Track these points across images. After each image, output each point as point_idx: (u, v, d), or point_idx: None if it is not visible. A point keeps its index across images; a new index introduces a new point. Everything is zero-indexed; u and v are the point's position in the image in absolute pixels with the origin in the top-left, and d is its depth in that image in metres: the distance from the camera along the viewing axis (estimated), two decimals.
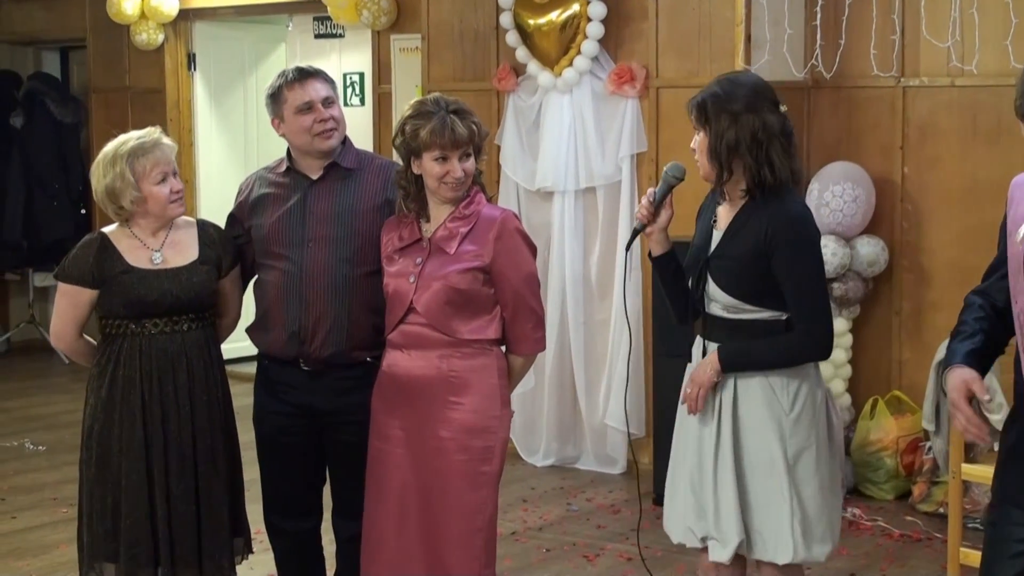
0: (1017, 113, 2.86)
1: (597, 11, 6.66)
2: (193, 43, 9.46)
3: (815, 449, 3.67)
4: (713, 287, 3.68)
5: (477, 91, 7.06)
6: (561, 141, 6.84)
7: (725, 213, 3.71)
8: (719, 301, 3.68)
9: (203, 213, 8.74)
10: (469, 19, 7.27)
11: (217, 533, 4.05)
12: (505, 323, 3.89)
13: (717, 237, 3.70)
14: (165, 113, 9.30)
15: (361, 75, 8.84)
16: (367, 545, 3.96)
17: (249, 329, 4.20)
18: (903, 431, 6.30)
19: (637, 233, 3.85)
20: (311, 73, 4.12)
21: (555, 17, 6.75)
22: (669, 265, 3.84)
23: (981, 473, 4.87)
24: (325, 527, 4.32)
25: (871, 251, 6.37)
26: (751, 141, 3.57)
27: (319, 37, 9.10)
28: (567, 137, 6.84)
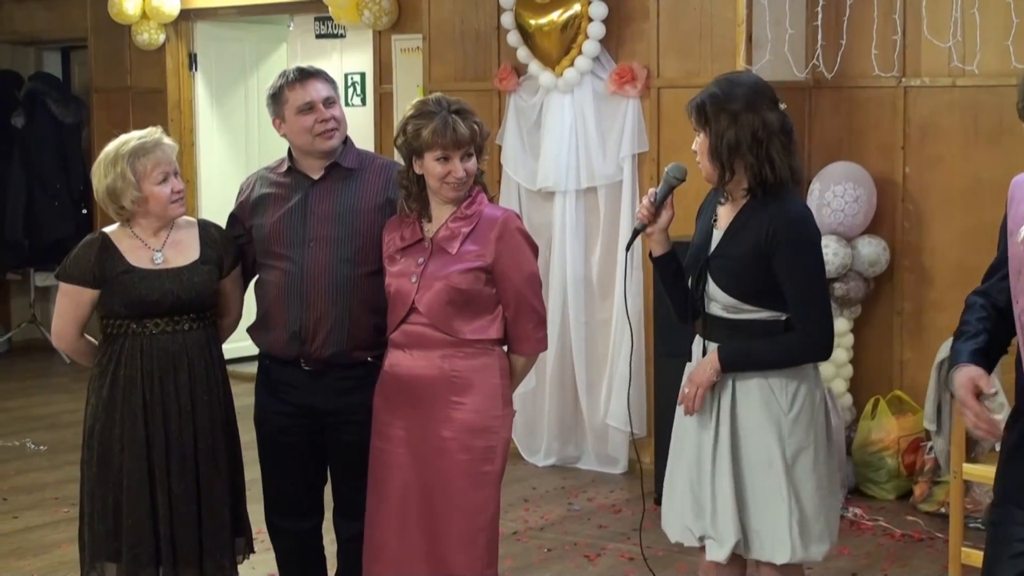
0: (1020, 114, 2.86)
1: (598, 11, 6.66)
2: (194, 43, 9.46)
3: (813, 449, 3.66)
4: (713, 287, 3.67)
5: (478, 91, 7.06)
6: (562, 141, 6.84)
7: (726, 213, 3.71)
8: (719, 301, 3.68)
9: (204, 213, 8.74)
10: (470, 19, 7.27)
11: (218, 533, 4.05)
12: (507, 323, 3.89)
13: (717, 237, 3.70)
14: (166, 113, 9.29)
15: (362, 75, 8.84)
16: (369, 545, 3.96)
17: (250, 329, 4.19)
18: (904, 431, 6.30)
19: (638, 233, 3.85)
20: (312, 73, 4.11)
21: (556, 17, 6.75)
22: (670, 265, 3.84)
23: (982, 473, 4.87)
24: (326, 527, 4.32)
25: (872, 251, 6.37)
26: (751, 140, 3.57)
27: (320, 37, 9.09)
28: (568, 137, 6.84)
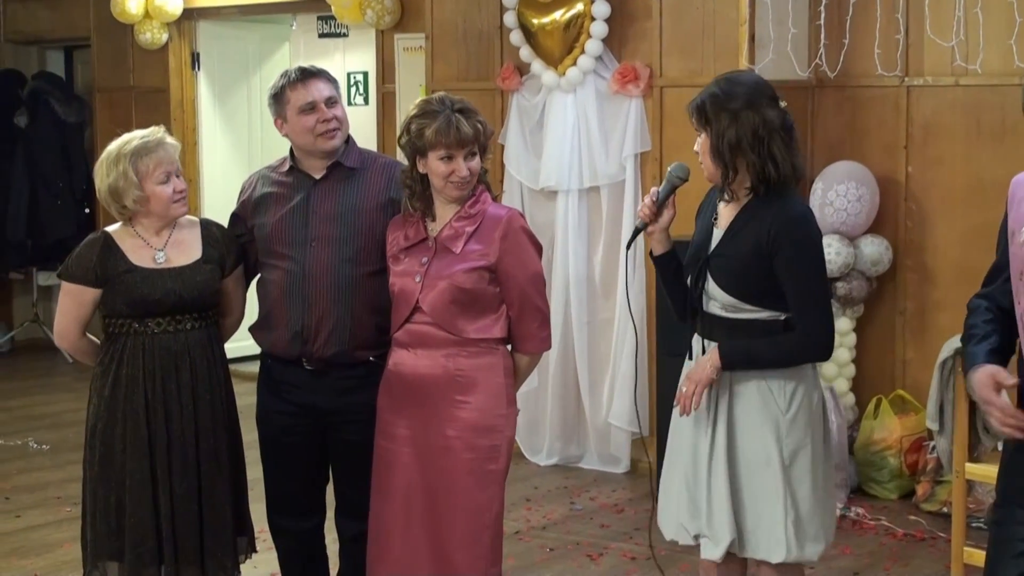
0: None
1: (601, 10, 6.65)
2: (197, 42, 9.47)
3: (811, 449, 3.66)
4: (713, 286, 3.67)
5: (481, 90, 7.06)
6: (565, 140, 6.84)
7: (727, 212, 3.70)
8: (718, 300, 3.67)
9: (207, 212, 8.74)
10: (473, 18, 7.27)
11: (220, 532, 4.05)
12: (511, 322, 3.89)
13: (718, 236, 3.70)
14: (169, 112, 9.31)
15: (365, 74, 8.84)
16: (373, 543, 3.96)
17: (252, 328, 4.19)
18: (907, 430, 6.30)
19: (639, 232, 3.84)
20: (314, 73, 4.10)
21: (559, 16, 6.74)
22: (670, 264, 3.84)
23: (985, 472, 4.87)
24: (328, 526, 4.32)
25: (875, 250, 6.36)
26: (752, 138, 3.57)
27: (323, 36, 9.09)
28: (571, 136, 6.83)
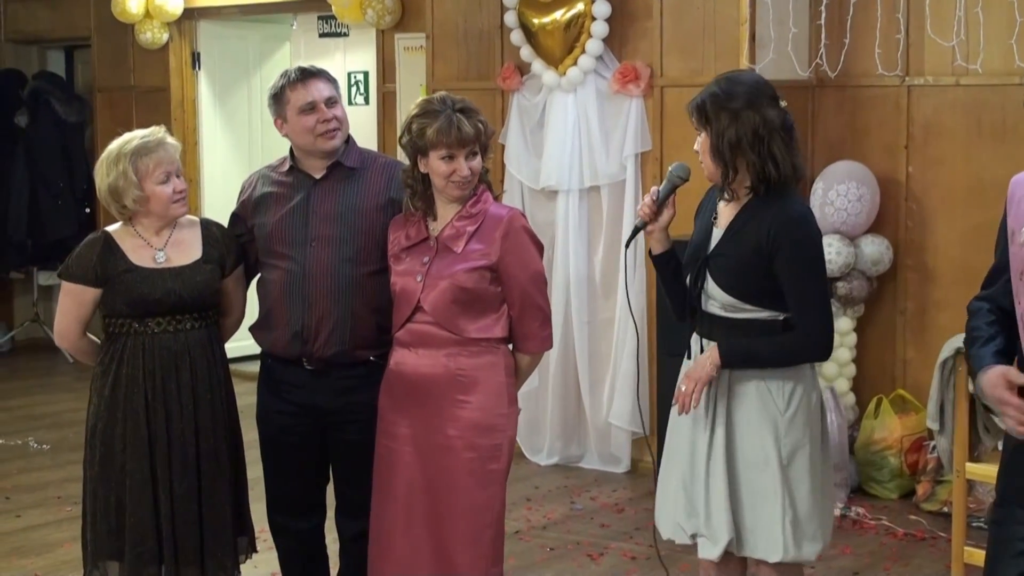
0: None
1: (602, 10, 6.65)
2: (197, 42, 9.47)
3: (809, 449, 3.66)
4: (712, 285, 3.67)
5: (481, 90, 7.06)
6: (565, 140, 6.83)
7: (726, 211, 3.70)
8: (717, 299, 3.67)
9: (207, 212, 8.74)
10: (473, 18, 7.27)
11: (220, 532, 4.05)
12: (512, 321, 3.89)
13: (717, 235, 3.70)
14: (169, 112, 9.31)
15: (365, 74, 8.84)
16: (375, 543, 3.97)
17: (252, 328, 4.19)
18: (907, 430, 6.30)
19: (638, 230, 3.84)
20: (314, 73, 4.10)
21: (559, 16, 6.74)
22: (669, 264, 3.83)
23: (985, 472, 4.87)
24: (328, 526, 4.32)
25: (875, 250, 6.36)
26: (752, 137, 3.57)
27: (323, 36, 9.09)
28: (571, 136, 6.83)
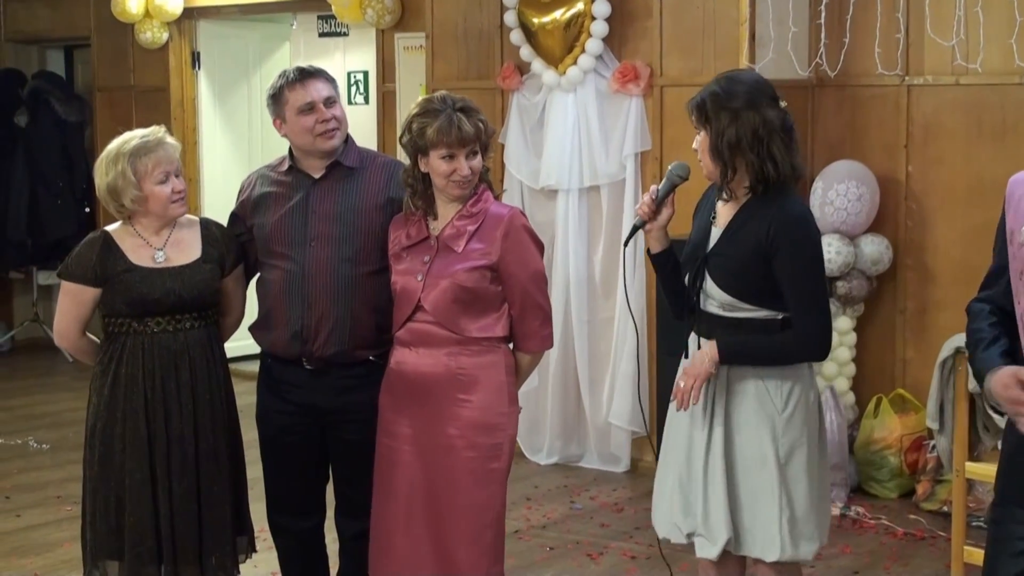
0: None
1: (601, 9, 6.65)
2: (197, 41, 9.47)
3: (806, 449, 3.67)
4: (711, 284, 3.67)
5: (481, 90, 7.06)
6: (565, 139, 6.83)
7: (725, 211, 3.70)
8: (716, 299, 3.67)
9: (207, 211, 8.74)
10: (473, 17, 7.27)
11: (219, 531, 4.05)
12: (513, 320, 3.89)
13: (716, 235, 3.70)
14: (169, 112, 9.31)
15: (365, 74, 8.84)
16: (375, 542, 3.97)
17: (252, 328, 4.19)
18: (907, 429, 6.30)
19: (636, 229, 3.84)
20: (312, 73, 4.09)
21: (559, 15, 6.74)
22: (667, 263, 3.83)
23: (985, 471, 4.87)
24: (328, 525, 4.32)
25: (875, 249, 6.36)
26: (752, 138, 3.57)
27: (323, 36, 9.09)
28: (571, 135, 6.83)
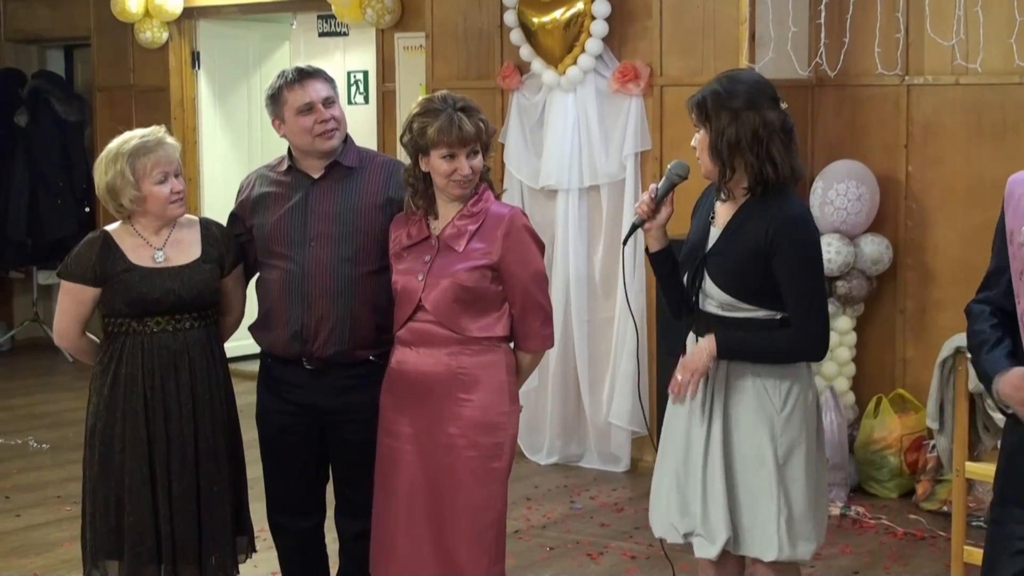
0: None
1: (601, 9, 6.65)
2: (197, 41, 9.47)
3: (805, 448, 3.66)
4: (710, 284, 3.67)
5: (481, 89, 7.05)
6: (565, 139, 6.83)
7: (724, 211, 3.70)
8: (715, 298, 3.67)
9: (207, 211, 8.74)
10: (473, 17, 7.27)
11: (219, 531, 4.05)
12: (513, 320, 3.89)
13: (715, 235, 3.70)
14: (169, 111, 9.30)
15: (365, 73, 8.84)
16: (376, 541, 3.97)
17: (251, 328, 4.19)
18: (907, 429, 6.30)
19: (635, 228, 3.83)
20: (310, 73, 4.08)
21: (559, 15, 6.74)
22: (665, 262, 3.83)
23: (985, 471, 4.87)
24: (328, 525, 4.32)
25: (875, 249, 6.36)
26: (752, 138, 3.56)
27: (323, 35, 9.09)
28: (571, 135, 6.83)
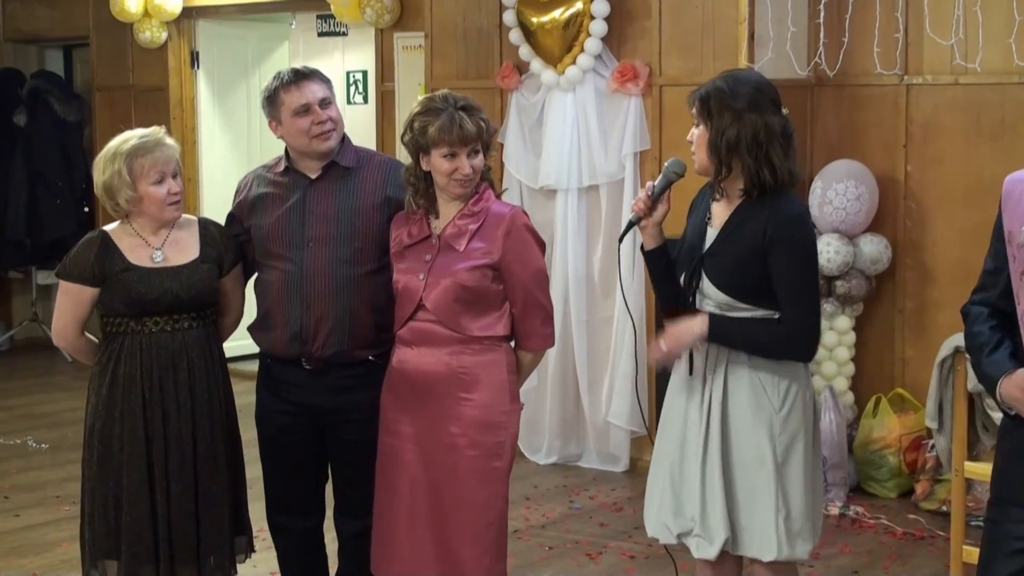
0: None
1: (600, 9, 6.65)
2: (196, 41, 9.47)
3: (803, 448, 3.66)
4: (707, 285, 3.67)
5: (480, 89, 7.05)
6: (564, 139, 6.83)
7: (720, 211, 3.70)
8: (712, 299, 3.67)
9: (206, 211, 8.74)
10: (472, 17, 7.27)
11: (217, 531, 4.04)
12: (514, 319, 3.89)
13: (712, 235, 3.69)
14: (168, 111, 9.30)
15: (364, 73, 8.84)
16: (378, 541, 3.97)
17: (250, 328, 4.19)
18: (906, 429, 6.30)
19: (632, 225, 3.82)
20: (307, 74, 4.07)
21: (558, 15, 6.74)
22: (661, 260, 3.82)
23: (984, 471, 4.86)
24: (327, 525, 4.32)
25: (874, 249, 6.36)
26: (752, 141, 3.56)
27: (322, 35, 9.10)
28: (570, 135, 6.83)
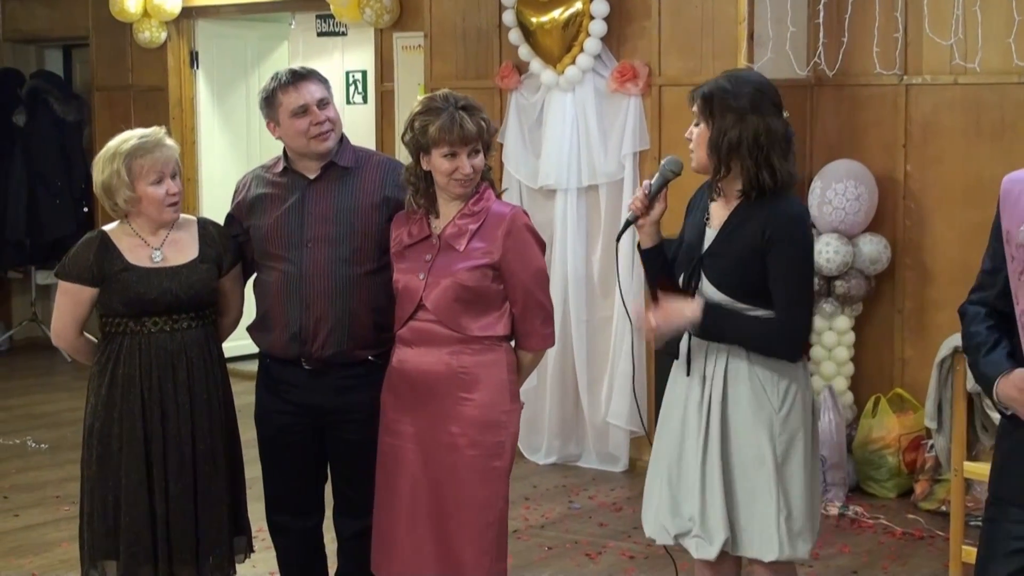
0: None
1: (600, 9, 6.65)
2: (196, 41, 9.47)
3: (803, 447, 3.66)
4: (707, 285, 3.67)
5: (480, 89, 7.04)
6: (563, 139, 6.84)
7: (719, 212, 3.70)
8: (712, 299, 3.67)
9: (205, 212, 8.73)
10: (472, 17, 7.27)
11: (216, 532, 4.04)
12: (514, 319, 3.89)
13: (711, 235, 3.69)
14: (168, 111, 9.30)
15: (364, 73, 8.84)
16: (378, 541, 3.97)
17: (250, 328, 4.18)
18: (905, 429, 6.30)
19: (629, 224, 3.83)
20: (304, 75, 4.07)
21: (558, 15, 6.74)
22: (657, 259, 3.83)
23: (983, 471, 4.85)
24: (327, 525, 4.32)
25: (874, 249, 6.36)
26: (752, 142, 3.56)
27: (322, 35, 9.10)
28: (569, 135, 6.83)
